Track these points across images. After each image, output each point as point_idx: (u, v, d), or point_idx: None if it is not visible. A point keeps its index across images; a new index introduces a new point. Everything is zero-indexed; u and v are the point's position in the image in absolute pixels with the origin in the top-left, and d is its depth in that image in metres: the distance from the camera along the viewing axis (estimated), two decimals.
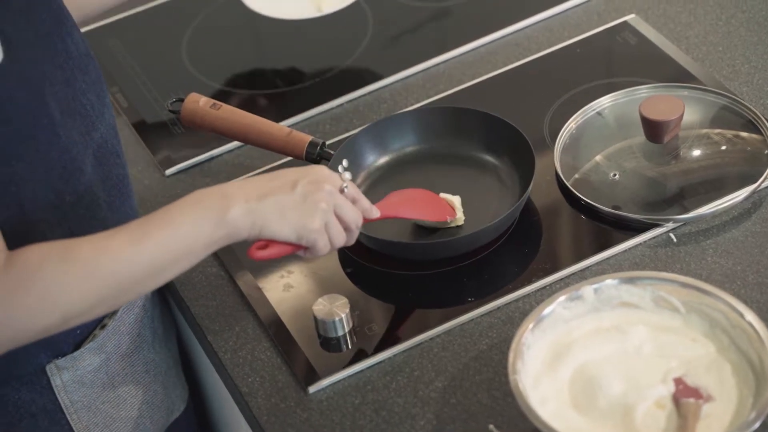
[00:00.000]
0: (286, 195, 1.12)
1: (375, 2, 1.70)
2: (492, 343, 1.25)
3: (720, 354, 1.15)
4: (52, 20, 1.12)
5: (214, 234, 1.08)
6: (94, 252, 1.03)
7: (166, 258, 1.06)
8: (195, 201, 1.09)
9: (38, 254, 1.02)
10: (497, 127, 1.40)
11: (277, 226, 1.12)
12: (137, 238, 1.04)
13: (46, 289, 1.01)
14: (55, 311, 1.02)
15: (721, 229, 1.31)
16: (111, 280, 1.04)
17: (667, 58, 1.52)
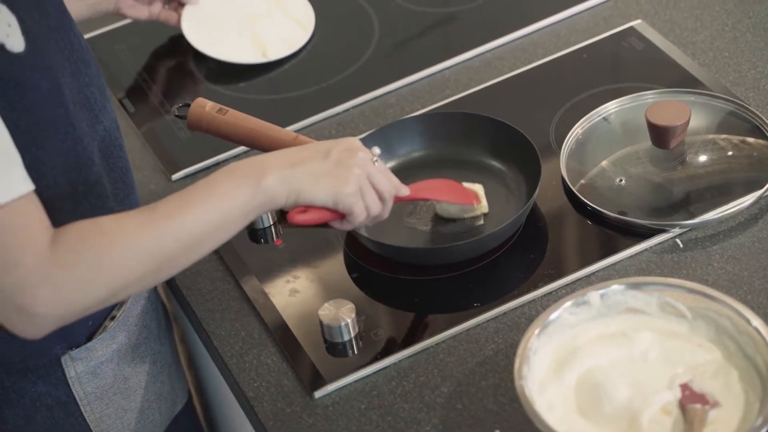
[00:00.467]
0: (320, 162, 1.15)
1: (381, 8, 1.70)
2: (498, 348, 1.24)
3: (726, 360, 1.15)
4: (58, 13, 1.14)
5: (251, 202, 1.10)
6: (136, 226, 1.05)
7: (206, 228, 1.08)
8: (230, 171, 1.11)
9: (83, 230, 1.04)
10: (503, 133, 1.40)
11: (312, 191, 1.14)
12: (178, 209, 1.07)
13: (93, 264, 1.03)
14: (103, 285, 1.04)
15: (727, 235, 1.31)
16: (154, 253, 1.06)
17: (673, 64, 1.52)
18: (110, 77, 1.66)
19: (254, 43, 1.64)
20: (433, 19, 1.68)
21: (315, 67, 1.63)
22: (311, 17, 1.66)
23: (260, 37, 1.64)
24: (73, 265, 1.03)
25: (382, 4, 1.71)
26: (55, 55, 1.10)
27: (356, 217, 1.18)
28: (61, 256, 1.02)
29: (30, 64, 1.06)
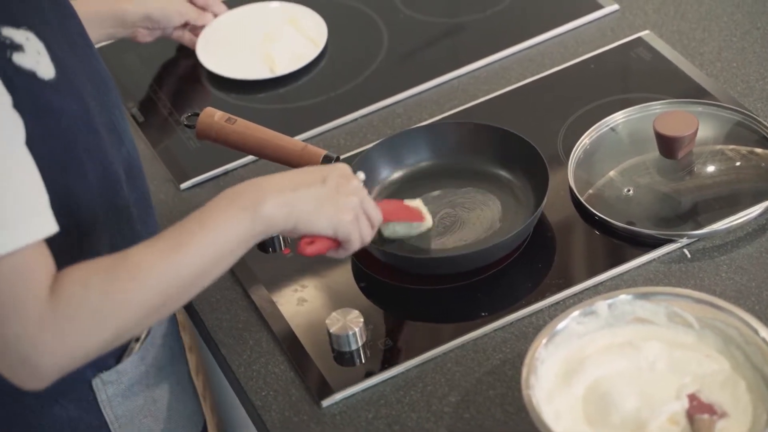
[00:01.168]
0: (319, 188, 1.14)
1: (390, 18, 1.71)
2: (505, 358, 1.24)
3: (734, 370, 1.15)
4: (81, 38, 1.15)
5: (251, 230, 1.09)
6: (137, 265, 1.03)
7: (208, 260, 1.07)
8: (229, 200, 1.09)
9: (83, 274, 1.03)
10: (511, 142, 1.40)
11: (313, 219, 1.13)
12: (178, 244, 1.05)
13: (95, 309, 1.02)
14: (106, 329, 1.03)
15: (735, 245, 1.31)
16: (158, 290, 1.04)
17: (681, 74, 1.52)
18: (119, 87, 1.66)
19: (265, 60, 1.65)
20: (442, 30, 1.68)
21: (324, 78, 1.63)
22: (324, 33, 1.67)
23: (272, 54, 1.66)
24: (76, 312, 1.01)
25: (391, 14, 1.71)
26: (82, 80, 1.10)
27: (352, 244, 1.17)
28: (62, 303, 1.00)
29: (61, 90, 1.06)
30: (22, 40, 1.03)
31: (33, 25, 1.05)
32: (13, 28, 1.03)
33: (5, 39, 1.02)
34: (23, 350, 1.00)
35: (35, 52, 1.04)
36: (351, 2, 1.75)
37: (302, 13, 1.71)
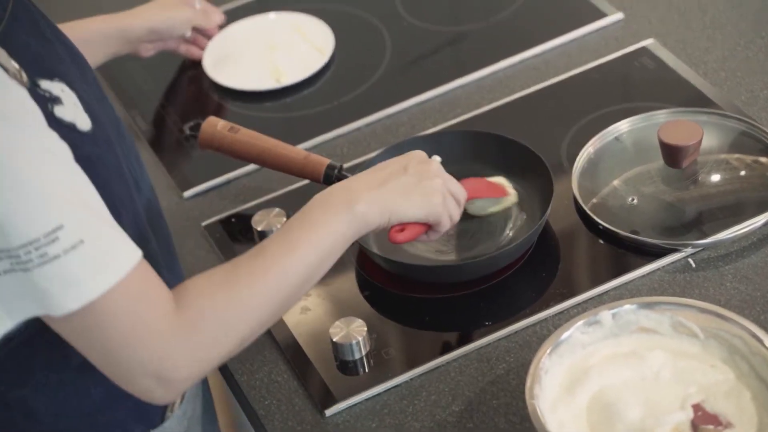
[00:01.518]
0: (403, 177, 1.17)
1: (393, 26, 1.71)
2: (509, 367, 1.24)
3: (739, 380, 1.14)
4: (95, 82, 1.14)
5: (349, 229, 1.12)
6: (250, 274, 1.06)
7: (314, 261, 1.09)
8: (322, 202, 1.13)
9: (202, 286, 1.05)
10: (515, 151, 1.40)
11: (404, 208, 1.16)
12: (287, 248, 1.08)
13: (221, 318, 1.04)
14: (233, 336, 1.06)
15: (740, 255, 1.31)
16: (275, 295, 1.07)
17: (685, 83, 1.52)
18: (123, 95, 1.67)
19: (271, 71, 1.65)
20: (445, 38, 1.68)
21: (329, 87, 1.63)
22: (331, 42, 1.67)
23: (278, 65, 1.66)
24: (204, 323, 1.03)
25: (395, 23, 1.71)
26: (108, 127, 1.10)
27: (443, 226, 1.21)
28: (190, 316, 1.03)
29: (97, 141, 1.05)
30: (58, 93, 1.02)
31: (62, 75, 1.04)
32: (48, 81, 1.02)
33: (45, 92, 1.00)
34: (160, 368, 1.02)
35: (72, 103, 1.03)
36: (355, 11, 1.75)
37: (309, 23, 1.71)
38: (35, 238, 0.95)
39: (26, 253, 0.95)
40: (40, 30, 1.06)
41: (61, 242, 0.95)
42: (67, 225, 0.96)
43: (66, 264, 0.96)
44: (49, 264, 0.96)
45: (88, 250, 0.97)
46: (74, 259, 0.96)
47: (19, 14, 1.03)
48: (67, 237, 0.96)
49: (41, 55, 1.03)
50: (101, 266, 0.98)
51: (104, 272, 0.98)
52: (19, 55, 0.99)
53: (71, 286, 0.97)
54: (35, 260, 0.95)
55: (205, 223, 1.46)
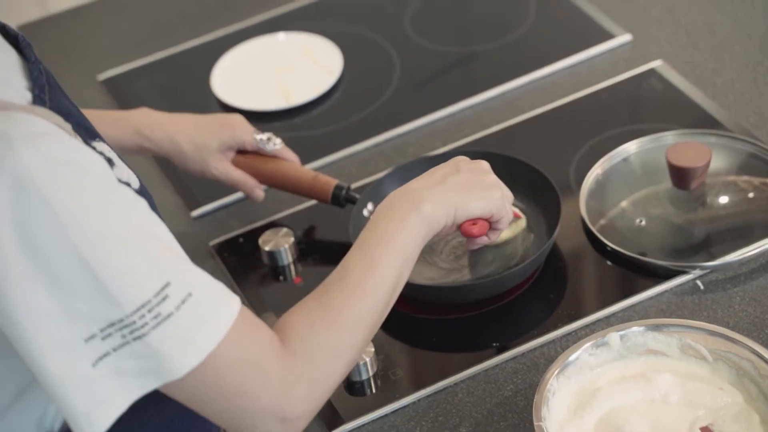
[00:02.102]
0: (458, 175, 1.16)
1: (402, 47, 1.71)
2: (517, 388, 1.24)
3: (748, 404, 1.14)
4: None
5: (420, 232, 1.11)
6: (343, 296, 1.06)
7: (397, 269, 1.09)
8: (388, 211, 1.12)
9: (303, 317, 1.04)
10: (523, 172, 1.40)
11: (467, 203, 1.15)
12: (369, 264, 1.08)
13: (329, 345, 1.03)
14: (342, 363, 1.05)
15: (748, 277, 1.30)
16: (371, 311, 1.07)
17: (693, 105, 1.52)
18: None
19: (280, 91, 1.66)
20: (454, 59, 1.68)
21: (338, 107, 1.64)
22: (339, 62, 1.67)
23: (287, 85, 1.66)
24: (311, 354, 1.02)
25: (404, 43, 1.72)
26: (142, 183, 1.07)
27: (504, 222, 1.20)
28: (298, 350, 1.01)
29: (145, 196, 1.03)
30: (108, 153, 1.00)
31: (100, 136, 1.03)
32: (95, 142, 1.00)
33: (101, 153, 0.98)
34: (280, 410, 1.00)
35: (120, 163, 1.02)
36: (364, 32, 1.75)
37: (318, 44, 1.71)
38: (147, 299, 0.92)
39: (141, 318, 0.92)
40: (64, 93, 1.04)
41: (172, 299, 0.93)
42: (173, 281, 0.94)
43: (180, 320, 0.93)
44: (164, 323, 0.93)
45: (197, 301, 0.95)
46: (187, 313, 0.94)
47: (51, 79, 1.01)
48: (176, 292, 0.93)
49: (81, 118, 1.01)
50: (212, 315, 0.96)
51: (216, 321, 0.96)
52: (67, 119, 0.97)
53: (189, 342, 0.94)
54: (150, 323, 0.93)
55: (213, 243, 1.46)
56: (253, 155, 1.43)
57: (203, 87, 1.68)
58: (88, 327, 0.92)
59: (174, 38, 1.80)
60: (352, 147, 1.56)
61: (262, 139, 1.42)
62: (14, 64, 1.00)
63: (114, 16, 1.87)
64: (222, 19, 1.82)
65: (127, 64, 1.76)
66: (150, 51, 1.78)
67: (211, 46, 1.77)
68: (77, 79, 1.73)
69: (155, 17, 1.86)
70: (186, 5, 1.87)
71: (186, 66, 1.75)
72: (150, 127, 1.39)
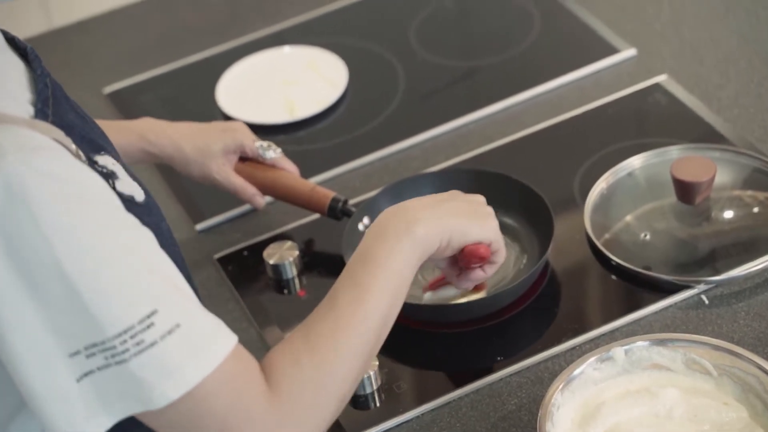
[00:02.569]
0: (456, 202, 1.14)
1: (407, 61, 1.72)
2: (521, 403, 1.24)
3: (753, 419, 1.13)
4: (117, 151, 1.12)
5: (413, 256, 1.08)
6: (331, 331, 1.02)
7: (389, 297, 1.06)
8: (379, 233, 1.08)
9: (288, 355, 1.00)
10: (516, 190, 1.39)
11: (464, 228, 1.12)
12: (358, 294, 1.04)
13: (317, 383, 1.00)
14: (332, 400, 1.01)
15: (753, 292, 1.30)
16: (361, 345, 1.03)
17: (698, 119, 1.52)
18: None
19: (285, 104, 1.66)
20: (458, 73, 1.69)
21: (342, 121, 1.64)
22: (344, 76, 1.67)
23: (291, 98, 1.67)
24: (300, 395, 0.99)
25: (408, 57, 1.72)
26: (149, 194, 1.06)
27: (500, 255, 1.18)
28: (284, 390, 0.98)
29: (151, 209, 1.02)
30: (112, 167, 0.99)
31: (106, 149, 1.01)
32: (99, 155, 0.99)
33: (102, 168, 0.97)
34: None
35: (124, 175, 1.00)
36: (369, 45, 1.76)
37: (323, 57, 1.72)
38: (130, 325, 0.90)
39: (122, 343, 0.90)
40: (73, 105, 1.03)
41: (157, 327, 0.91)
42: (161, 309, 0.91)
43: (163, 350, 0.91)
44: (146, 352, 0.91)
45: (185, 334, 0.92)
46: (172, 345, 0.92)
47: (57, 92, 1.00)
48: (162, 322, 0.91)
49: (85, 131, 1.00)
50: (200, 350, 0.93)
51: (203, 356, 0.93)
52: (70, 133, 0.96)
53: (171, 374, 0.92)
54: (131, 349, 0.90)
55: (218, 256, 1.46)
56: (253, 164, 1.43)
57: (208, 100, 1.69)
58: (72, 343, 0.91)
59: (179, 51, 1.80)
60: (357, 161, 1.56)
61: (262, 146, 1.42)
62: (20, 77, 0.99)
63: (119, 29, 1.88)
64: (227, 32, 1.82)
65: (133, 77, 1.77)
66: (155, 64, 1.79)
67: (217, 59, 1.77)
68: (82, 92, 1.73)
69: (160, 30, 1.86)
70: (191, 19, 1.88)
71: (191, 79, 1.75)
72: (153, 132, 1.40)
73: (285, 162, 1.43)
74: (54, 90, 1.00)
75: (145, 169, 1.59)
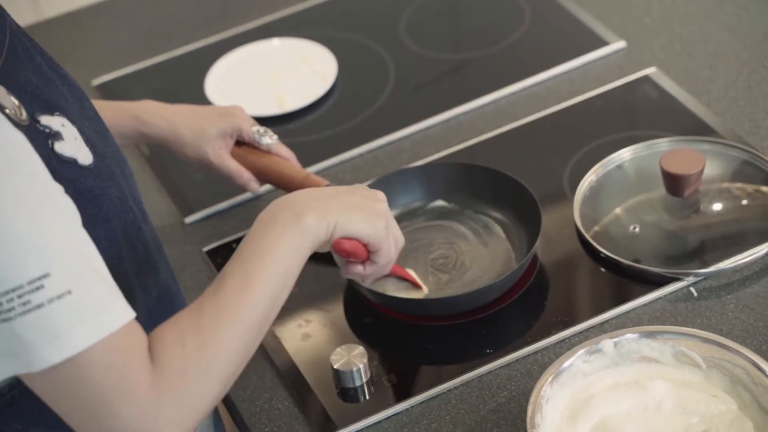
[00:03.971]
0: (349, 196, 1.14)
1: (397, 53, 1.71)
2: (510, 395, 1.24)
3: (742, 411, 1.14)
4: (96, 115, 1.12)
5: (301, 246, 1.09)
6: (216, 314, 1.02)
7: (276, 285, 1.06)
8: (269, 221, 1.09)
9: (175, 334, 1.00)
10: (503, 183, 1.39)
11: (347, 221, 1.12)
12: (245, 281, 1.04)
13: (200, 366, 1.00)
14: (216, 381, 1.01)
15: (742, 284, 1.31)
16: (244, 330, 1.03)
17: (687, 112, 1.52)
18: None
19: (274, 96, 1.66)
20: (448, 66, 1.68)
21: (332, 113, 1.64)
22: (333, 68, 1.67)
23: (281, 90, 1.66)
24: (183, 374, 0.99)
25: (398, 50, 1.72)
26: (112, 161, 1.07)
27: (384, 254, 1.17)
28: (166, 369, 0.98)
29: (100, 175, 1.02)
30: (59, 128, 1.00)
31: (63, 109, 1.02)
32: (48, 116, 0.99)
33: (45, 128, 0.98)
34: (140, 428, 0.97)
35: (72, 138, 1.01)
36: (358, 38, 1.75)
37: (312, 49, 1.71)
38: (18, 284, 0.90)
39: (8, 301, 0.91)
40: (38, 64, 1.04)
41: (46, 291, 0.91)
42: (54, 273, 0.91)
43: (50, 314, 0.91)
44: (31, 313, 0.91)
45: (75, 301, 0.92)
46: (59, 310, 0.91)
47: (17, 49, 1.01)
48: (53, 286, 0.91)
49: (41, 90, 1.01)
50: (88, 319, 0.93)
51: (90, 325, 0.93)
52: (18, 91, 0.97)
53: (54, 338, 0.92)
54: (17, 308, 0.91)
55: (207, 249, 1.46)
56: (249, 149, 1.43)
57: (197, 92, 1.68)
58: None
59: (168, 44, 1.80)
60: (346, 153, 1.56)
61: (259, 131, 1.43)
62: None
63: (108, 21, 1.87)
64: (216, 24, 1.82)
65: (122, 69, 1.76)
66: (144, 56, 1.78)
67: (206, 51, 1.77)
68: None
69: (149, 22, 1.86)
70: (180, 11, 1.87)
71: (180, 71, 1.75)
72: (149, 113, 1.40)
73: (281, 149, 1.44)
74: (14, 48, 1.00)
75: (134, 162, 1.59)
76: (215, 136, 1.41)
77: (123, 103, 1.43)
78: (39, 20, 1.90)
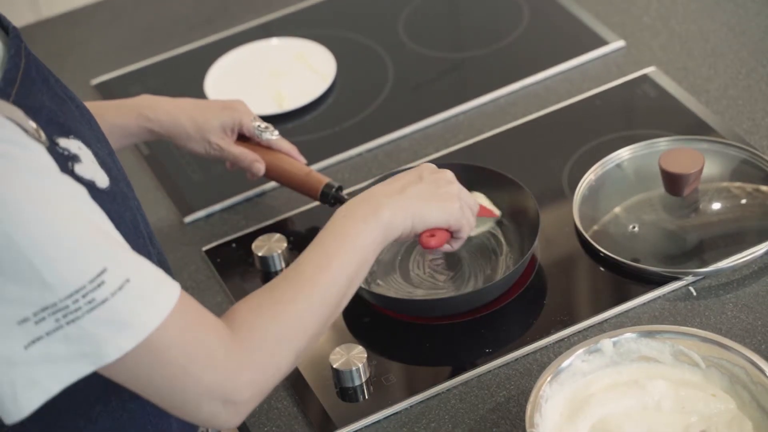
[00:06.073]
0: (421, 185, 1.18)
1: (396, 52, 1.71)
2: (510, 395, 1.24)
3: (741, 410, 1.14)
4: (105, 139, 1.13)
5: (377, 237, 1.13)
6: (293, 290, 1.07)
7: (351, 271, 1.10)
8: (348, 214, 1.13)
9: (249, 311, 1.05)
10: (502, 184, 1.39)
11: (425, 213, 1.17)
12: (323, 263, 1.09)
13: (272, 338, 1.04)
14: (289, 350, 1.05)
15: (741, 284, 1.31)
16: (320, 308, 1.07)
17: (687, 111, 1.52)
18: None
19: (273, 96, 1.66)
20: (447, 65, 1.68)
21: (331, 112, 1.64)
22: (332, 67, 1.67)
23: (280, 90, 1.66)
24: (261, 341, 1.03)
25: (397, 49, 1.72)
26: (122, 183, 1.08)
27: (463, 231, 1.22)
28: (245, 336, 1.02)
29: (116, 198, 1.04)
30: (76, 150, 1.01)
31: (78, 132, 1.03)
32: (65, 139, 1.00)
33: (63, 150, 0.99)
34: (224, 393, 1.00)
35: (90, 161, 1.02)
36: (357, 37, 1.75)
37: (311, 49, 1.71)
38: (81, 285, 0.92)
39: (74, 302, 0.93)
40: (52, 88, 1.04)
41: (108, 285, 0.93)
42: (110, 267, 0.94)
43: (114, 305, 0.94)
44: (98, 309, 0.93)
45: (135, 287, 0.95)
46: (123, 299, 0.94)
47: (32, 73, 1.02)
48: (112, 279, 0.94)
49: (57, 114, 1.02)
50: (150, 301, 0.96)
51: (154, 306, 0.96)
52: (36, 115, 0.98)
53: (124, 327, 0.94)
54: (84, 307, 0.93)
55: (206, 248, 1.46)
56: (251, 144, 1.44)
57: (196, 92, 1.68)
58: (21, 310, 0.93)
59: (167, 43, 1.80)
60: (346, 152, 1.56)
61: (260, 126, 1.44)
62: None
63: (107, 20, 1.87)
64: (215, 24, 1.82)
65: (121, 68, 1.76)
66: (143, 56, 1.78)
67: (205, 50, 1.77)
68: (70, 84, 1.69)
69: (148, 22, 1.86)
70: (179, 10, 1.87)
71: (179, 71, 1.75)
72: (151, 108, 1.42)
73: (283, 143, 1.46)
74: (29, 71, 1.01)
75: (133, 161, 1.59)
76: (217, 130, 1.42)
77: (123, 101, 1.43)
78: (38, 20, 1.90)
